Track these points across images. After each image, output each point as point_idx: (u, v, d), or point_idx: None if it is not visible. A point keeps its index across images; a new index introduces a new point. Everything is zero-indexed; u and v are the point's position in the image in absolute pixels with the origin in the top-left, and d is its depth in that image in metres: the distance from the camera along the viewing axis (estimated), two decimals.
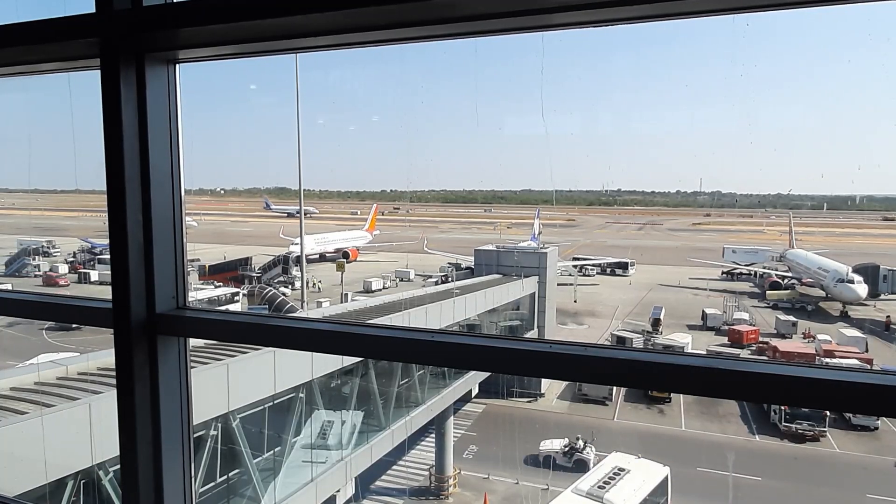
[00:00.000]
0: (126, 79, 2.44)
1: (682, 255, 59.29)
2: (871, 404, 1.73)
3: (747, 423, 31.12)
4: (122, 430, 2.58)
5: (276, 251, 56.04)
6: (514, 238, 57.28)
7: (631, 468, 23.55)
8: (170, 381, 2.64)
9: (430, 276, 52.09)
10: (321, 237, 62.24)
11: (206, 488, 17.35)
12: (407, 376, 26.15)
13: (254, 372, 18.27)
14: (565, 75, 52.53)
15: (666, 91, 68.67)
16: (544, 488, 26.20)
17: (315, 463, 20.66)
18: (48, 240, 63.65)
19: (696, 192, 70.37)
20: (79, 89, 4.24)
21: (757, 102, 61.43)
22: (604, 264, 58.30)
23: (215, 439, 17.08)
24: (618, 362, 1.95)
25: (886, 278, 43.61)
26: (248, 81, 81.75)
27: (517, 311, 38.96)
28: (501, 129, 66.85)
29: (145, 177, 2.49)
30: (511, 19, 1.94)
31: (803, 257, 50.71)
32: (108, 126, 2.46)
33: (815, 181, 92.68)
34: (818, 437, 28.94)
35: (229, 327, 2.82)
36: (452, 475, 28.19)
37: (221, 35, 2.32)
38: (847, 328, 39.14)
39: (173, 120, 2.60)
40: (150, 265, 2.55)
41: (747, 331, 39.25)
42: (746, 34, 8.62)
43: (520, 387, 34.88)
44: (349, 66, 74.36)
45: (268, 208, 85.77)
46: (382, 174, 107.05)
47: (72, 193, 73.27)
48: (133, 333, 2.53)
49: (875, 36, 40.63)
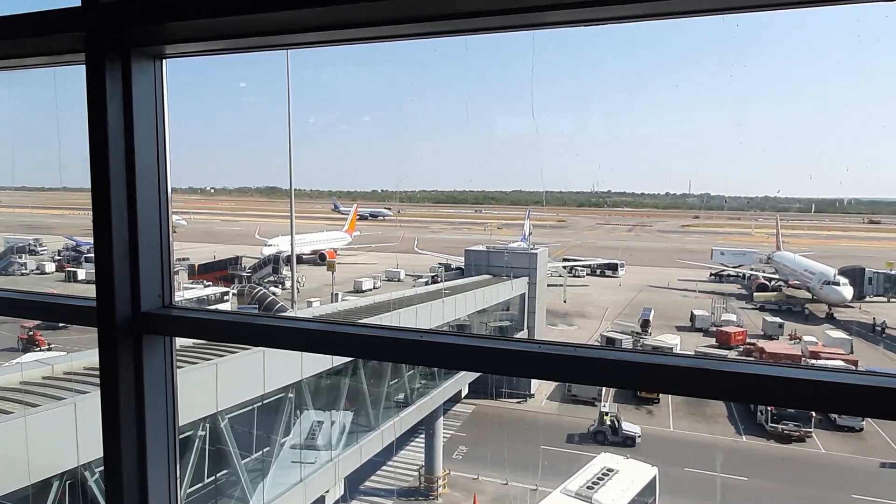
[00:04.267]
0: (112, 74, 2.41)
1: (672, 257, 59.66)
2: (856, 405, 1.74)
3: (734, 423, 31.37)
4: (106, 431, 2.55)
5: (266, 251, 55.70)
6: (505, 239, 57.43)
7: (619, 468, 23.66)
8: (155, 380, 2.61)
9: (421, 276, 52.07)
10: (297, 238, 61.73)
11: (194, 489, 17.22)
12: (397, 376, 26.12)
13: (242, 372, 18.16)
14: (556, 75, 52.74)
15: (656, 92, 69.11)
16: (533, 489, 26.26)
17: (304, 463, 20.57)
18: (35, 238, 62.99)
19: (685, 194, 70.87)
20: (64, 84, 4.19)
21: (746, 104, 61.97)
22: (594, 265, 58.55)
23: (203, 440, 16.96)
24: (607, 363, 1.95)
25: (872, 280, 44.14)
26: (240, 80, 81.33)
27: (507, 311, 39.02)
28: (492, 129, 66.97)
29: (131, 174, 2.46)
30: (502, 17, 1.94)
31: (790, 259, 51.21)
32: (92, 122, 2.43)
33: (803, 183, 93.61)
34: (804, 437, 29.24)
35: (216, 326, 2.80)
36: (442, 476, 28.19)
37: (209, 30, 2.29)
38: (833, 330, 39.57)
39: (160, 116, 2.57)
40: (136, 263, 2.52)
41: (735, 332, 39.59)
42: (736, 35, 8.70)
43: (509, 387, 34.94)
44: (340, 64, 74.20)
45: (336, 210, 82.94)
46: (373, 174, 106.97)
47: (59, 191, 72.51)
48: (118, 332, 2.50)
49: (864, 37, 41.11)
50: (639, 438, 29.25)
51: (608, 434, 29.69)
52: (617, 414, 30.59)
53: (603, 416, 30.41)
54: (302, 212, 70.70)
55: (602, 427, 29.99)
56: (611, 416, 30.23)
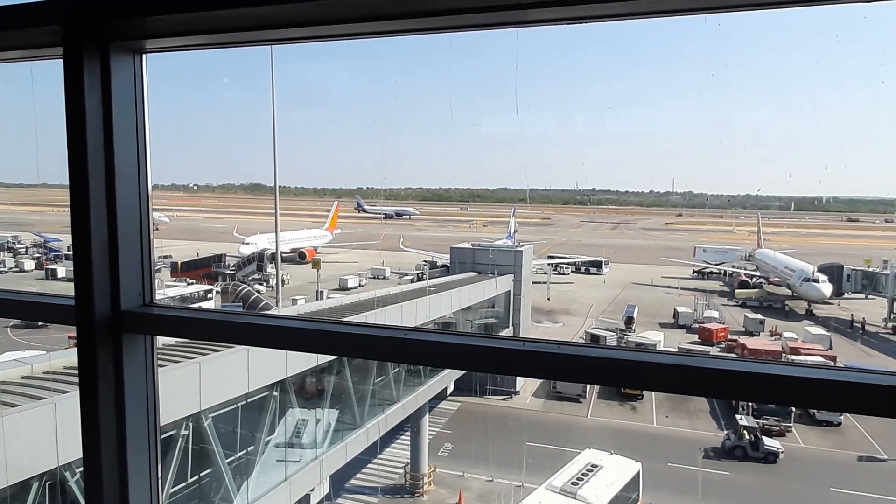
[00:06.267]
0: (90, 69, 2.36)
1: (655, 254, 60.24)
2: (834, 400, 1.77)
3: (716, 419, 31.78)
4: (86, 431, 2.51)
5: (244, 249, 55.19)
6: (490, 236, 57.50)
7: (603, 464, 23.86)
8: (135, 379, 2.57)
9: (406, 273, 52.02)
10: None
11: (177, 489, 17.07)
12: (382, 374, 26.08)
13: (226, 370, 18.01)
14: (540, 73, 52.91)
15: (639, 90, 69.72)
16: (518, 485, 26.38)
17: (289, 462, 20.47)
18: (13, 235, 61.94)
19: (668, 192, 71.64)
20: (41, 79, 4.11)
21: (727, 102, 62.81)
22: (578, 263, 58.93)
23: (186, 439, 16.81)
24: (591, 360, 1.95)
25: (850, 278, 44.91)
26: (223, 75, 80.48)
27: (492, 308, 39.13)
28: (477, 127, 67.05)
29: (110, 170, 2.42)
30: (486, 14, 1.93)
31: (771, 257, 51.96)
32: (70, 118, 2.38)
33: (783, 182, 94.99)
34: (784, 432, 29.73)
35: (198, 325, 2.76)
36: (427, 473, 28.21)
37: (190, 24, 2.25)
38: (812, 326, 40.23)
39: (140, 112, 2.53)
40: (115, 261, 2.47)
41: (717, 329, 40.12)
42: (717, 34, 8.79)
43: (495, 385, 35.07)
44: (324, 60, 73.80)
45: (360, 209, 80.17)
46: (357, 171, 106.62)
47: (37, 188, 71.34)
48: (97, 331, 2.46)
49: (843, 38, 41.79)
50: (781, 454, 27.50)
51: (748, 450, 27.81)
52: (757, 428, 28.51)
53: (742, 431, 28.28)
54: (286, 209, 70.16)
55: (741, 442, 28.03)
56: (750, 431, 28.21)
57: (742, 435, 28.16)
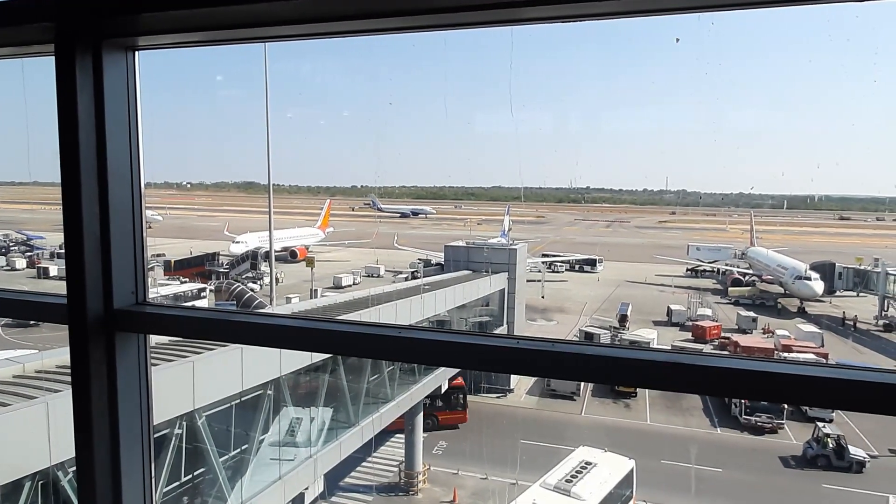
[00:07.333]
0: (82, 66, 2.35)
1: (649, 253, 60.48)
2: (826, 397, 1.78)
3: (709, 416, 31.95)
4: (79, 430, 2.49)
5: (234, 248, 54.98)
6: (484, 235, 57.56)
7: (597, 462, 23.94)
8: (128, 378, 2.56)
9: (401, 272, 52.00)
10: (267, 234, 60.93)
11: (171, 488, 16.99)
12: (377, 372, 26.05)
13: (220, 369, 17.93)
14: (534, 72, 52.94)
15: (633, 89, 69.89)
16: (512, 483, 26.44)
17: (283, 460, 20.42)
18: (4, 233, 61.55)
19: (662, 191, 71.93)
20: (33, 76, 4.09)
21: (721, 101, 63.11)
22: (572, 261, 59.09)
23: (180, 438, 16.73)
24: (585, 358, 1.96)
25: (842, 276, 45.25)
26: (216, 73, 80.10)
27: (487, 307, 39.16)
28: (471, 125, 67.02)
29: (102, 168, 2.40)
30: (480, 12, 1.93)
31: (763, 255, 52.26)
32: (62, 115, 2.37)
33: (776, 180, 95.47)
34: (776, 429, 29.92)
35: (191, 323, 2.75)
36: (422, 471, 28.23)
37: (184, 21, 2.24)
38: (804, 324, 40.49)
39: (132, 109, 2.51)
40: (108, 259, 2.46)
41: (710, 326, 40.33)
42: (711, 33, 8.80)
43: (489, 382, 35.13)
44: (318, 58, 73.56)
45: (375, 208, 78.97)
46: (352, 169, 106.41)
47: (29, 185, 70.81)
48: (89, 330, 2.44)
49: (835, 37, 42.00)
50: (868, 463, 26.20)
51: (832, 459, 26.46)
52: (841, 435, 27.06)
53: (825, 439, 27.04)
54: (280, 207, 69.90)
55: (825, 451, 26.72)
56: (833, 438, 26.90)
57: (826, 443, 26.96)
